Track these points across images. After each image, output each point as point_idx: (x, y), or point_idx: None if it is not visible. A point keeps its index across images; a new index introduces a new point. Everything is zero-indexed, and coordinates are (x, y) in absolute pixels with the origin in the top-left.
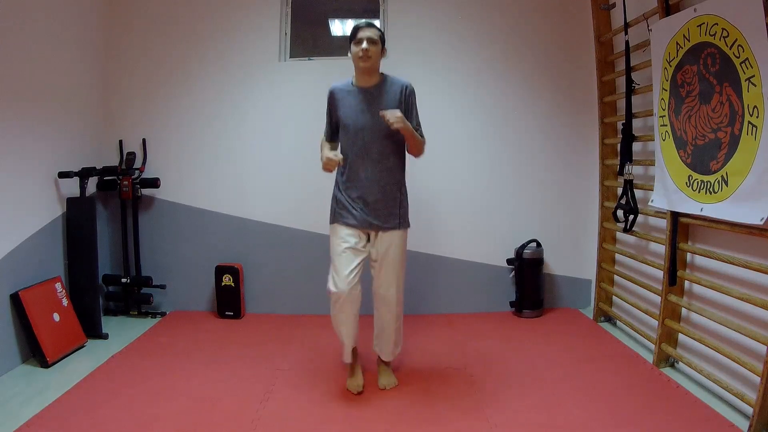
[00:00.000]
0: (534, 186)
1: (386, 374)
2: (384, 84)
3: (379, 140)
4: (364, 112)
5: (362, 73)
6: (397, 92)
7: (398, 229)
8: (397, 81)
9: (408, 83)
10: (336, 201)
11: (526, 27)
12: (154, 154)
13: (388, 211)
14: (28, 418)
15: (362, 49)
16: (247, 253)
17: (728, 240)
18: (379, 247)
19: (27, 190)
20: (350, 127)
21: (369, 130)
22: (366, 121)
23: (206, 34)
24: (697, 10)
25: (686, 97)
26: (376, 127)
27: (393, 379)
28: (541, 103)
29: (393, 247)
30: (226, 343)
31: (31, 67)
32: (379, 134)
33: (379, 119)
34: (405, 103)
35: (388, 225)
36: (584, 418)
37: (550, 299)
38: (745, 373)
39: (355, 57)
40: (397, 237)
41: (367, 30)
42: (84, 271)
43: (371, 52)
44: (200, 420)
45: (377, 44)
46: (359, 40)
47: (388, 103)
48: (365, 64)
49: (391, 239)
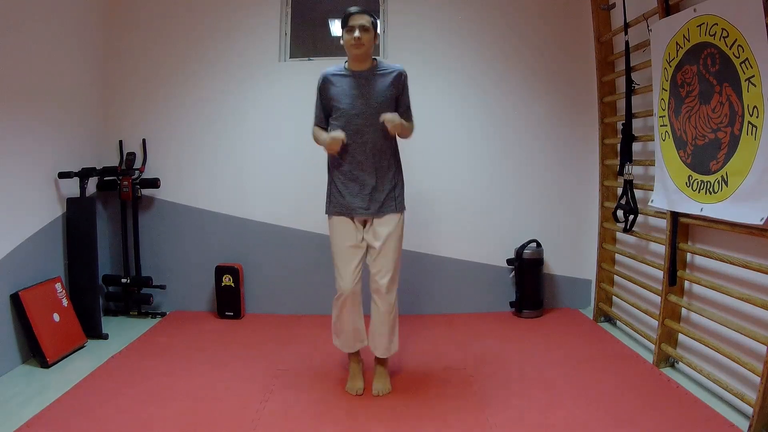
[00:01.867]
0: (534, 186)
1: (382, 378)
2: (377, 68)
3: (373, 124)
4: (358, 96)
5: (355, 59)
6: (393, 77)
7: (395, 212)
8: (391, 66)
9: (403, 70)
10: (331, 190)
11: (526, 27)
12: (154, 155)
13: (384, 194)
14: (28, 418)
15: (354, 37)
16: (247, 253)
17: (728, 240)
18: (376, 232)
19: (27, 190)
20: (344, 110)
21: (363, 114)
22: (360, 104)
23: (206, 34)
24: (697, 10)
25: (686, 97)
26: (370, 111)
27: (388, 385)
28: (541, 103)
29: (390, 232)
30: (226, 344)
31: (31, 68)
32: (373, 118)
33: (373, 103)
34: (403, 87)
35: (384, 209)
36: (584, 418)
37: (550, 299)
38: (745, 373)
39: (347, 44)
40: (394, 221)
41: (359, 17)
42: (84, 272)
43: (364, 39)
44: (200, 420)
45: (369, 31)
46: (351, 27)
47: (383, 87)
48: (358, 51)
49: (387, 224)
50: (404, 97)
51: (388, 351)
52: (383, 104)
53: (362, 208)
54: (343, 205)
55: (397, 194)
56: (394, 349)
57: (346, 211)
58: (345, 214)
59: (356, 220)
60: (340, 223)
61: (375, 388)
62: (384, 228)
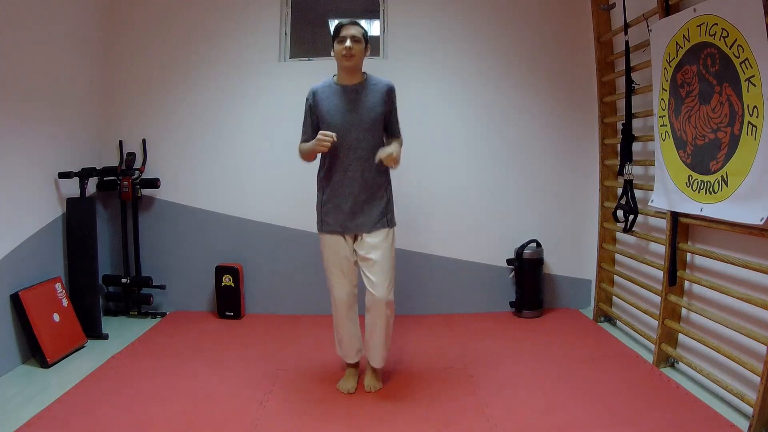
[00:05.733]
0: (534, 186)
1: (373, 377)
2: (367, 83)
3: (364, 139)
4: (349, 111)
5: (345, 71)
6: (383, 92)
7: (387, 227)
8: (381, 81)
9: (392, 84)
10: (321, 208)
11: (526, 27)
12: (154, 155)
13: (375, 210)
14: (28, 418)
15: (345, 47)
16: (247, 253)
17: (728, 240)
18: (368, 246)
19: (27, 190)
20: (335, 126)
21: (354, 129)
22: (351, 119)
23: (206, 34)
24: (697, 10)
25: (686, 97)
26: (361, 126)
27: (379, 383)
28: (541, 103)
29: (381, 247)
30: (226, 344)
31: (32, 68)
32: (363, 133)
33: (364, 118)
34: (392, 102)
35: (378, 225)
36: (584, 418)
37: (550, 299)
38: (745, 373)
39: (338, 55)
40: (384, 236)
41: (350, 28)
42: (84, 272)
43: (354, 50)
44: (200, 420)
45: (361, 42)
46: (342, 38)
47: (373, 101)
48: (349, 63)
49: (378, 239)
50: (393, 113)
51: (383, 360)
52: (374, 119)
53: (353, 226)
54: (335, 223)
55: (389, 210)
56: (387, 356)
57: (338, 229)
58: (337, 232)
59: (347, 235)
60: (332, 238)
61: (366, 383)
62: (375, 239)
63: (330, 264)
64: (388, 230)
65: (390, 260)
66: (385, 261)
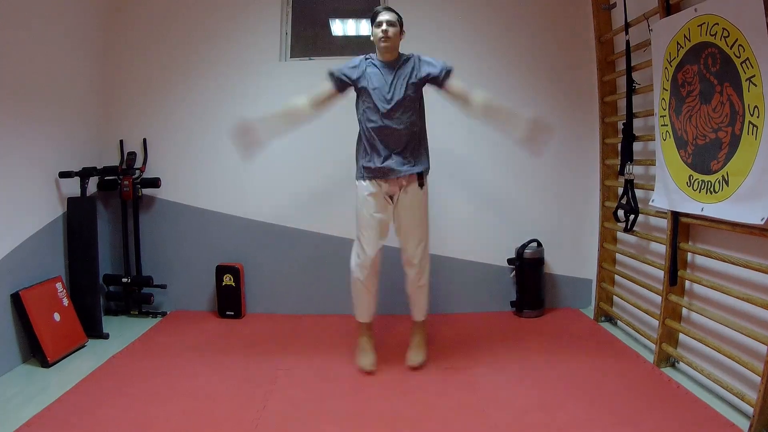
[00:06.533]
0: (535, 185)
1: (417, 346)
2: (401, 58)
3: (402, 106)
4: (391, 82)
5: (384, 51)
6: (411, 63)
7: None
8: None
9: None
10: (360, 151)
11: (526, 27)
12: (154, 154)
13: (415, 152)
14: (28, 418)
15: (382, 30)
16: (247, 252)
17: (729, 240)
18: (404, 204)
19: (27, 190)
20: (378, 90)
21: (394, 97)
22: (393, 90)
23: (207, 34)
24: (698, 9)
25: (687, 96)
26: (402, 96)
27: (422, 355)
28: (542, 103)
29: (416, 203)
30: (226, 343)
31: (32, 67)
32: (403, 101)
33: (405, 89)
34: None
35: (414, 169)
36: (584, 418)
37: (551, 299)
38: (746, 373)
39: (376, 38)
40: (419, 194)
41: (386, 14)
42: (85, 271)
43: (390, 32)
44: (201, 420)
45: (395, 26)
46: (379, 23)
47: (407, 72)
48: (386, 44)
49: (415, 195)
50: (432, 68)
51: (423, 312)
52: (411, 87)
53: (392, 171)
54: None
55: (426, 152)
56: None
57: (377, 174)
58: (376, 177)
59: (384, 193)
60: (369, 192)
61: (411, 359)
62: (411, 198)
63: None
64: (421, 192)
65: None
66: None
